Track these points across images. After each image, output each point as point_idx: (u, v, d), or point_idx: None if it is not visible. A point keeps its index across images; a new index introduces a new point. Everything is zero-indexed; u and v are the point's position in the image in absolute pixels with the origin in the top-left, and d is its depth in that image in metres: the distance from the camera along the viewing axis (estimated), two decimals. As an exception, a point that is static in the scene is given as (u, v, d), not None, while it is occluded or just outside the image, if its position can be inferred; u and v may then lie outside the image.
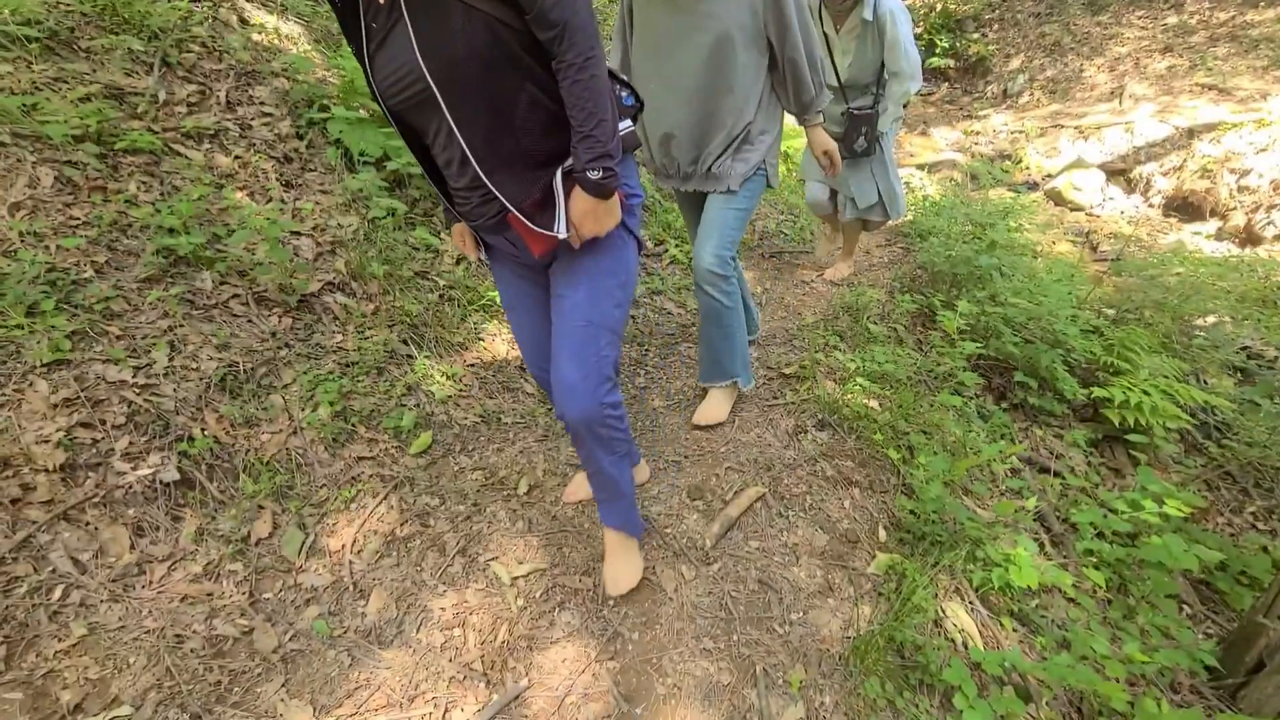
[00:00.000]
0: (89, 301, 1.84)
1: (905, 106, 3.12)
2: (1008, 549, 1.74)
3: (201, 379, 1.87)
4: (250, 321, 2.08)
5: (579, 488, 1.96)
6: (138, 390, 1.76)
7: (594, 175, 1.18)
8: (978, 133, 6.61)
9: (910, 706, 1.46)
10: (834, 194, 3.33)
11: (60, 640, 1.40)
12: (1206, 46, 6.32)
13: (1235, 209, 5.02)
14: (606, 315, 1.38)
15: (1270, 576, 2.24)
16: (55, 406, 1.64)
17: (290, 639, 1.55)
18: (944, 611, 1.68)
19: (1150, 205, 5.47)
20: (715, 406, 2.31)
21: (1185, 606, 2.35)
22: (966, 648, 1.62)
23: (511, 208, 1.24)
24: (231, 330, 2.03)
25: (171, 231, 2.05)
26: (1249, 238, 4.88)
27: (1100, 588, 1.89)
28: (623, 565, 1.70)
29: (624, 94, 1.34)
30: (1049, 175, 5.77)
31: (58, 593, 1.45)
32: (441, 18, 1.05)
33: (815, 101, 1.93)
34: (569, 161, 1.24)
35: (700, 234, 2.04)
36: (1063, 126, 6.06)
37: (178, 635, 1.48)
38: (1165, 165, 5.43)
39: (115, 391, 1.74)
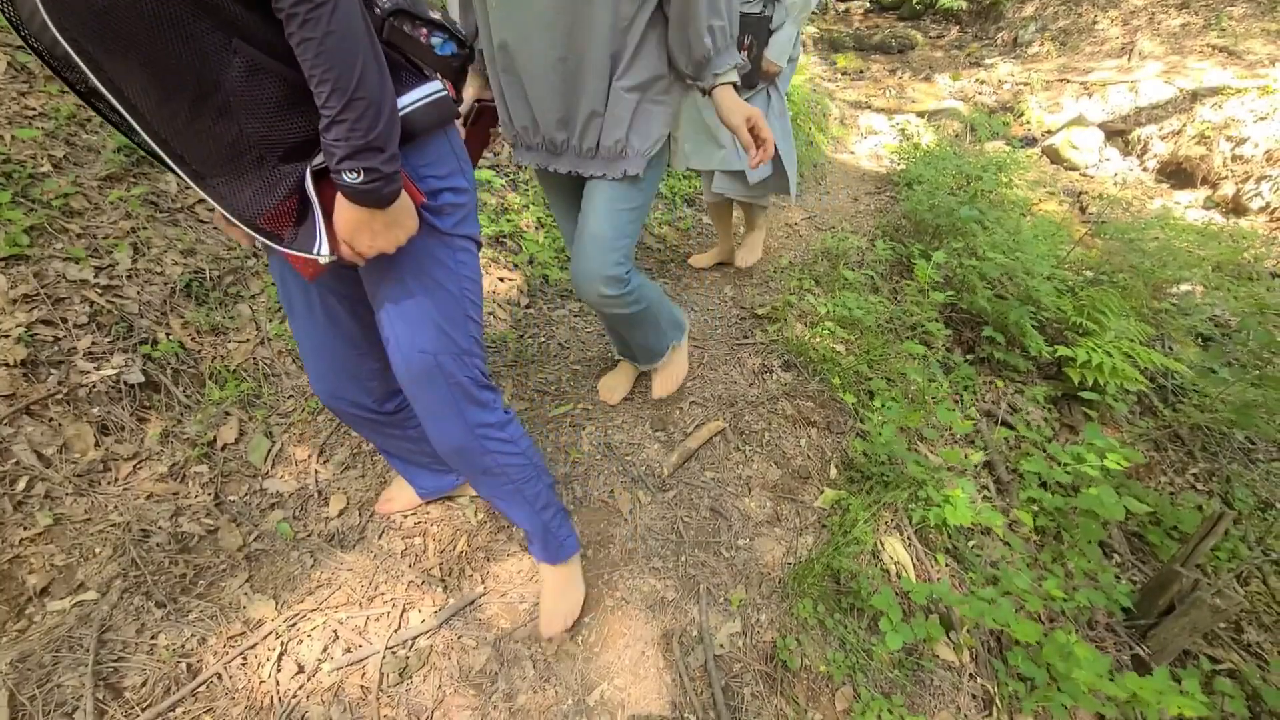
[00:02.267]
0: (47, 197, 1.80)
1: (800, 46, 2.37)
2: (948, 490, 1.82)
3: (166, 283, 1.85)
4: (216, 229, 2.04)
5: None
6: (100, 291, 1.74)
7: (351, 179, 0.81)
8: (982, 81, 6.44)
9: (839, 626, 1.57)
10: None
11: (26, 529, 1.44)
12: (1224, 5, 6.13)
13: (1226, 178, 5.01)
14: (446, 340, 1.09)
15: (1198, 532, 2.36)
16: (15, 301, 1.63)
17: (254, 539, 1.61)
18: (882, 545, 1.77)
19: (1145, 169, 5.44)
20: (667, 376, 2.10)
21: (1116, 555, 2.50)
22: (899, 579, 1.73)
23: (240, 225, 0.88)
24: (197, 236, 2.00)
25: (133, 129, 1.98)
26: (1235, 208, 4.90)
27: (1031, 532, 2.00)
28: (556, 599, 1.50)
29: (436, 38, 0.94)
30: (1048, 131, 5.69)
31: (22, 483, 1.48)
32: None
33: (724, 52, 1.30)
34: (320, 156, 0.85)
35: (579, 243, 1.52)
36: (1068, 81, 5.93)
37: (143, 530, 1.53)
38: (1165, 129, 5.37)
39: (76, 290, 1.72)
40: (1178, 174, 5.32)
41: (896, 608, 1.53)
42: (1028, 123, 5.83)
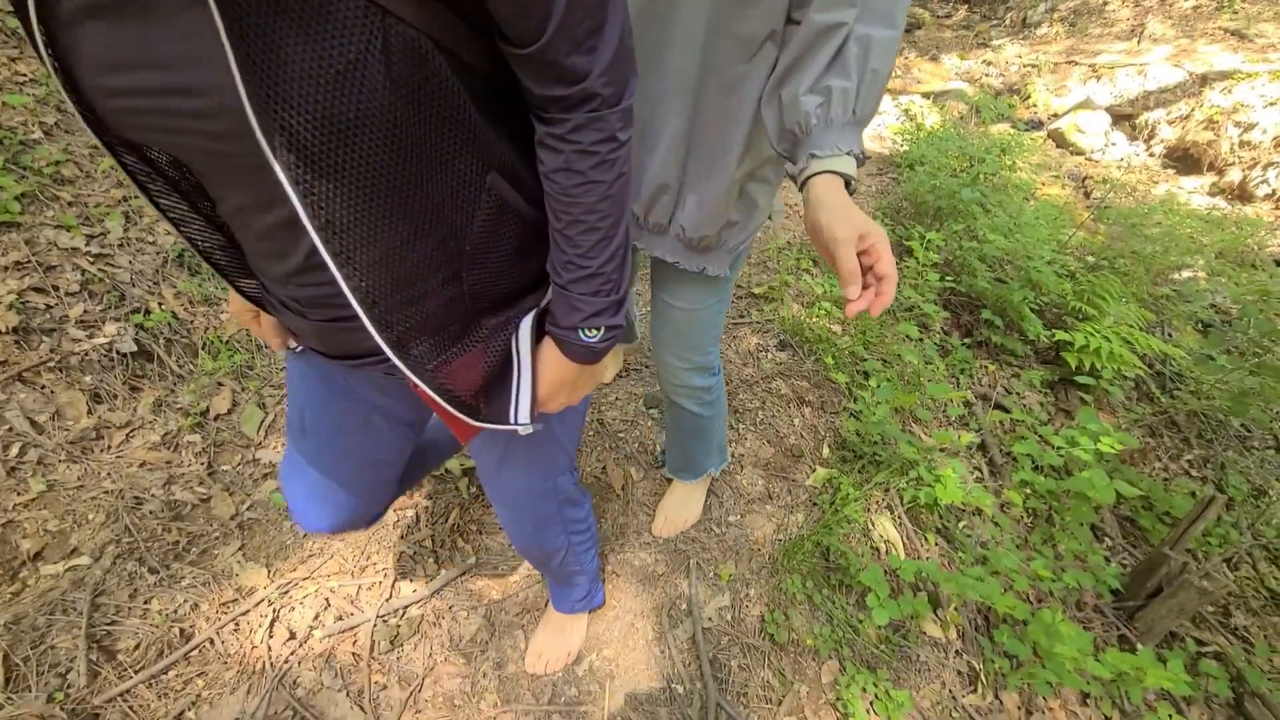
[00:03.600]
0: (38, 164, 1.78)
1: None
2: (940, 470, 1.83)
3: (158, 253, 1.85)
4: (210, 199, 2.03)
5: None
6: (91, 259, 1.74)
7: (590, 338, 0.70)
8: (989, 63, 6.36)
9: (826, 602, 1.58)
10: None
11: (19, 494, 1.45)
12: (1238, -13, 6.03)
13: (1233, 164, 4.95)
14: (564, 459, 1.01)
15: (1190, 517, 2.36)
16: (6, 269, 1.62)
17: (247, 508, 1.61)
18: (872, 524, 1.78)
19: (1151, 154, 5.38)
20: (683, 505, 1.74)
21: (1107, 538, 2.51)
22: (888, 557, 1.74)
23: (430, 390, 0.70)
24: (190, 206, 1.98)
25: (125, 96, 1.96)
26: (1241, 195, 4.85)
27: (1023, 514, 2.00)
28: (552, 638, 1.43)
29: None
30: (1055, 115, 5.62)
31: (15, 449, 1.48)
32: (308, 19, 0.45)
33: (835, 127, 0.83)
34: (544, 298, 0.74)
35: (670, 335, 1.31)
36: (1076, 63, 5.85)
37: (136, 497, 1.53)
38: (1173, 113, 5.30)
39: (68, 259, 1.71)
40: (1184, 159, 5.26)
41: (884, 584, 1.54)
42: (1034, 105, 5.76)
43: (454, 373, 0.70)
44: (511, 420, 0.75)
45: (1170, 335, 3.51)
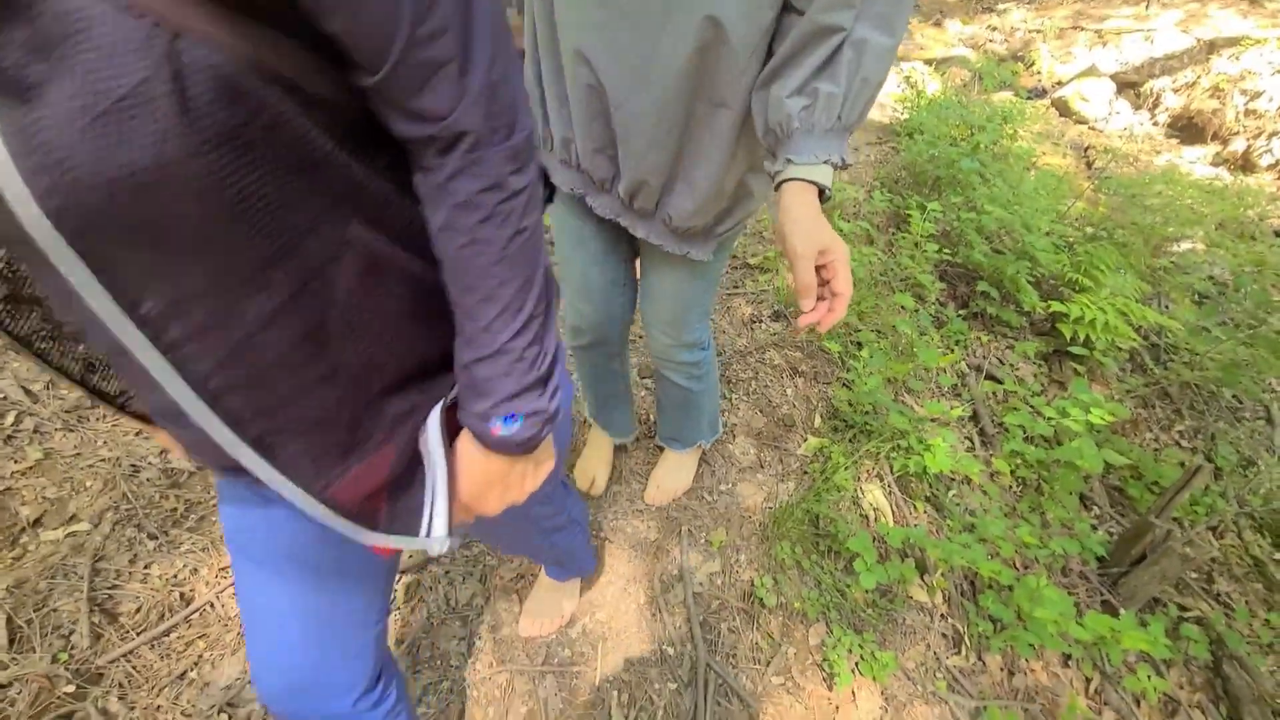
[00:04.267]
0: (22, 130, 1.76)
1: None
2: (930, 440, 1.84)
3: (148, 222, 1.83)
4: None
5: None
6: (80, 227, 1.73)
7: (508, 429, 0.57)
8: (994, 28, 6.23)
9: (815, 567, 1.61)
10: None
11: (16, 462, 1.46)
12: (1251, -51, 5.87)
13: (1238, 133, 4.89)
14: (547, 518, 1.01)
15: (1179, 487, 2.39)
16: (-6, 237, 1.61)
17: (244, 476, 1.63)
18: (862, 492, 1.81)
19: (1155, 123, 5.31)
20: (675, 474, 1.77)
21: (1095, 507, 2.55)
22: (877, 524, 1.76)
23: (314, 502, 0.56)
24: (179, 174, 1.96)
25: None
26: (1244, 165, 4.80)
27: (1012, 483, 2.03)
28: (542, 602, 1.47)
29: None
30: (1059, 82, 5.53)
31: (11, 418, 1.50)
32: (79, 46, 0.35)
33: (816, 134, 0.82)
34: (453, 390, 0.60)
35: (655, 311, 1.32)
36: (1082, 29, 5.73)
37: (133, 465, 1.55)
38: (1179, 81, 5.22)
39: (57, 227, 1.70)
40: (1189, 128, 5.20)
41: (872, 550, 1.57)
42: (1038, 73, 5.66)
43: (348, 483, 0.56)
44: (423, 533, 0.60)
45: (1167, 307, 3.52)
